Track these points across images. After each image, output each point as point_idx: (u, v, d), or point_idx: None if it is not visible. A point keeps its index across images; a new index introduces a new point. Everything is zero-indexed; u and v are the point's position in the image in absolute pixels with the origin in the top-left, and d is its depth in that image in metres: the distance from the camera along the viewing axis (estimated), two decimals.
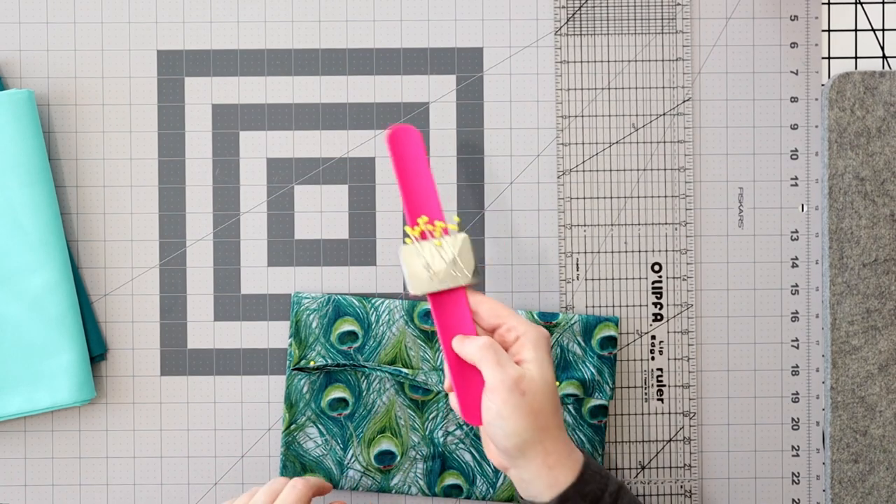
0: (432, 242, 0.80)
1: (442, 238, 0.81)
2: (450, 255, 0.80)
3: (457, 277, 0.80)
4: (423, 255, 0.80)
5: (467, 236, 0.81)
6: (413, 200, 0.81)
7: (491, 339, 0.80)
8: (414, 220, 0.81)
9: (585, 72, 0.94)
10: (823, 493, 0.95)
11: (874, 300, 0.93)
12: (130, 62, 0.94)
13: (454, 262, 0.80)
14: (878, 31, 0.95)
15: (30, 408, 0.91)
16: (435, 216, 0.81)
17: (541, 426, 0.78)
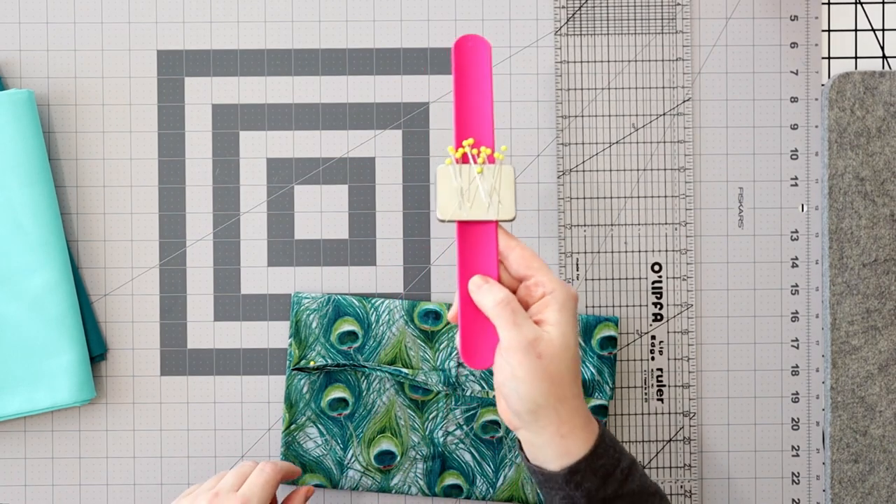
0: (473, 167, 0.74)
1: (485, 165, 0.74)
2: (489, 185, 0.74)
3: (491, 210, 0.74)
4: (461, 178, 0.73)
5: (513, 169, 0.75)
6: (464, 118, 0.75)
7: (509, 296, 0.75)
8: (460, 141, 0.75)
9: (585, 72, 0.94)
10: (823, 493, 0.95)
11: (874, 300, 0.93)
12: (130, 62, 0.94)
13: (492, 192, 0.74)
14: (878, 31, 0.95)
15: (30, 408, 0.91)
16: (483, 141, 0.75)
17: (556, 393, 0.74)
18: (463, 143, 0.75)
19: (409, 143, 0.94)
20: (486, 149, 0.75)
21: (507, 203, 0.74)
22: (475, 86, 0.76)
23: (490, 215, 0.75)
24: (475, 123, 0.75)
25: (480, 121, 0.75)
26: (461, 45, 0.76)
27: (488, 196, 0.74)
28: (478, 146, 0.75)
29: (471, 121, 0.75)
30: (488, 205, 0.74)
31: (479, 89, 0.75)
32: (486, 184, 0.74)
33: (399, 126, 0.94)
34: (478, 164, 0.74)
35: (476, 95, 0.75)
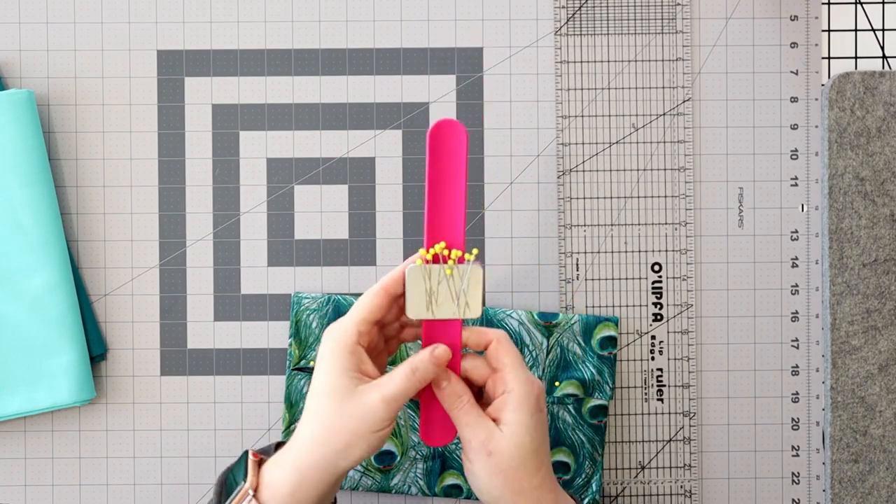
0: (443, 268, 0.77)
1: (455, 266, 0.77)
2: (457, 286, 0.77)
3: (457, 311, 0.78)
4: (430, 280, 0.77)
5: (481, 269, 0.78)
6: (437, 220, 0.77)
7: (462, 389, 0.78)
8: (431, 243, 0.77)
9: (585, 72, 0.94)
10: (823, 493, 0.95)
11: (874, 300, 0.93)
12: (130, 62, 0.94)
13: (460, 293, 0.77)
14: (878, 31, 0.95)
15: (30, 408, 0.91)
16: (454, 243, 0.77)
17: (512, 487, 0.76)
18: (434, 246, 0.77)
19: (409, 143, 0.94)
20: (456, 251, 0.77)
21: (473, 303, 0.77)
22: (450, 180, 0.76)
23: (457, 315, 0.78)
24: (447, 225, 0.77)
25: (452, 222, 0.77)
26: (437, 132, 0.76)
27: (456, 297, 0.77)
28: (449, 248, 0.77)
29: (443, 222, 0.77)
30: (455, 305, 0.77)
31: (454, 184, 0.76)
32: (454, 285, 0.77)
33: (399, 126, 0.94)
34: (448, 266, 0.77)
35: (450, 191, 0.76)
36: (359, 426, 0.75)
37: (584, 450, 0.93)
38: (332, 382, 0.76)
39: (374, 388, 0.76)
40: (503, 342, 0.79)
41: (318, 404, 0.76)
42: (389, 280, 0.79)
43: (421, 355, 0.78)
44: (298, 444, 0.77)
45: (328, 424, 0.76)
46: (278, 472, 0.76)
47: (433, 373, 0.77)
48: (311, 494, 0.76)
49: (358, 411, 0.75)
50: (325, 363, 0.77)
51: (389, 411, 0.76)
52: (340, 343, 0.77)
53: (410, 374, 0.77)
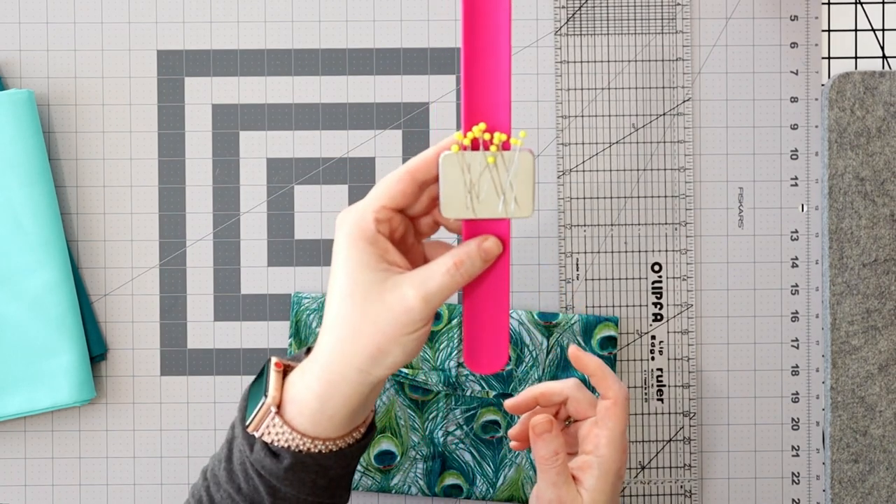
0: (485, 156, 0.64)
1: (499, 154, 0.64)
2: (502, 177, 0.64)
3: (504, 208, 0.65)
4: (469, 171, 0.63)
5: (532, 157, 0.65)
6: (474, 97, 0.64)
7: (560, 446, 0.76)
8: (469, 125, 0.65)
9: (585, 72, 0.94)
10: (823, 493, 0.95)
11: (874, 300, 0.93)
12: (130, 62, 0.94)
13: (506, 186, 0.64)
14: (878, 31, 0.95)
15: (30, 408, 0.91)
16: (497, 125, 0.64)
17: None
18: (473, 129, 0.65)
19: (409, 144, 0.94)
20: (500, 134, 0.64)
21: (523, 199, 0.65)
22: (490, 53, 0.63)
23: (503, 213, 0.65)
24: (488, 102, 0.64)
25: (495, 99, 0.63)
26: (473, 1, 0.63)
27: (501, 191, 0.64)
28: (491, 131, 0.64)
29: (483, 99, 0.64)
30: (501, 201, 0.64)
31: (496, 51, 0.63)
32: (499, 176, 0.64)
33: (399, 126, 0.94)
34: (490, 153, 0.64)
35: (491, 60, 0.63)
36: (390, 328, 0.65)
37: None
38: (354, 279, 0.65)
39: (406, 282, 0.65)
40: (619, 405, 0.77)
41: (339, 306, 0.66)
42: (418, 163, 0.67)
43: (467, 247, 0.66)
44: (322, 352, 0.67)
45: (354, 328, 0.65)
46: (303, 384, 0.67)
47: (480, 268, 0.67)
48: (343, 409, 0.67)
49: (388, 310, 0.65)
50: (341, 257, 0.66)
51: (427, 310, 0.65)
52: (357, 231, 0.66)
53: (454, 268, 0.66)
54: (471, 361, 0.69)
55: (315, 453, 0.68)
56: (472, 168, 0.64)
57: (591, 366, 0.79)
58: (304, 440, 0.67)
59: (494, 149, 0.64)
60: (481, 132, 0.64)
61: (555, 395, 0.80)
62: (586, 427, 0.79)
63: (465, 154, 0.64)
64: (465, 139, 0.65)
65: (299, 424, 0.67)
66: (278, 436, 0.67)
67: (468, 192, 0.65)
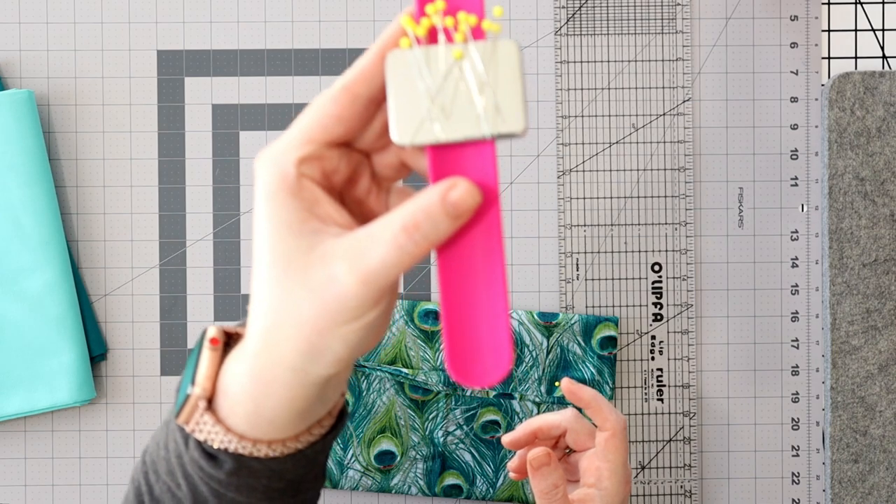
0: (449, 49, 0.45)
1: (468, 45, 0.45)
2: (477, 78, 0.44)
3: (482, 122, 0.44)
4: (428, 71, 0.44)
5: (516, 45, 0.45)
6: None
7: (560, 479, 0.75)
8: (422, 6, 0.46)
9: (585, 72, 0.94)
10: (823, 493, 0.95)
11: (874, 300, 0.93)
12: (130, 62, 0.94)
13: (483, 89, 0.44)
14: (878, 31, 0.95)
15: (30, 408, 0.91)
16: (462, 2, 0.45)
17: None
18: (427, 9, 0.45)
19: None
20: (468, 16, 0.45)
21: (510, 106, 0.44)
22: None
23: (483, 131, 0.45)
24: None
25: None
26: None
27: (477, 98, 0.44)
28: (454, 11, 0.45)
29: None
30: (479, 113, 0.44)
31: None
32: (472, 76, 0.44)
33: None
34: (455, 46, 0.45)
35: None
36: (320, 319, 0.46)
37: None
38: (272, 246, 0.47)
39: (338, 255, 0.46)
40: (618, 436, 0.77)
41: (259, 284, 0.48)
42: (357, 73, 0.48)
43: (423, 201, 0.46)
44: (250, 340, 0.49)
45: (277, 315, 0.47)
46: (235, 376, 0.49)
47: (446, 232, 0.46)
48: (284, 413, 0.49)
49: (314, 296, 0.46)
50: (258, 214, 0.48)
51: (368, 295, 0.46)
52: (275, 179, 0.47)
53: (403, 234, 0.45)
54: (457, 370, 0.46)
55: (262, 458, 0.50)
56: (432, 69, 0.45)
57: (586, 398, 0.78)
58: (244, 443, 0.49)
59: (461, 38, 0.45)
60: (439, 15, 0.45)
61: (553, 429, 0.80)
62: (587, 459, 0.78)
63: (421, 50, 0.45)
64: (419, 28, 0.45)
65: (235, 424, 0.49)
66: (211, 435, 0.50)
67: (429, 104, 0.45)
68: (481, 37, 0.45)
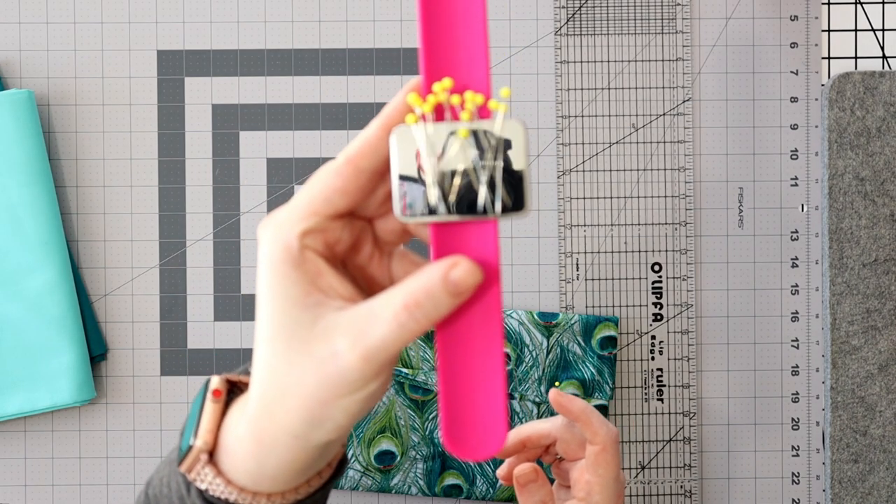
0: (455, 128, 0.44)
1: (475, 123, 0.45)
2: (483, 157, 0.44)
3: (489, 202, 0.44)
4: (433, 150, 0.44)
5: (523, 126, 0.45)
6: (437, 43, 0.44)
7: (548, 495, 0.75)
8: (430, 84, 0.45)
9: (585, 72, 0.94)
10: (823, 493, 0.95)
11: (874, 300, 0.93)
12: (130, 62, 0.94)
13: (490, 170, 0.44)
14: (878, 31, 0.95)
15: (30, 408, 0.91)
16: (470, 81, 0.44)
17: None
18: (435, 87, 0.45)
19: None
20: (475, 95, 0.45)
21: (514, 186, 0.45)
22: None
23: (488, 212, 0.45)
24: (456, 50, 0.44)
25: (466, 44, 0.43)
26: None
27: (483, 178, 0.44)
28: (461, 90, 0.45)
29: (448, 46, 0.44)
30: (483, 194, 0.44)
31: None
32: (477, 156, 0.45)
33: None
34: (462, 124, 0.45)
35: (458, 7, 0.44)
36: (322, 391, 0.48)
37: None
38: (275, 318, 0.49)
39: (340, 330, 0.47)
40: (608, 450, 0.75)
41: (262, 352, 0.49)
42: (361, 146, 0.48)
43: (427, 279, 0.46)
44: (251, 404, 0.50)
45: (280, 385, 0.49)
46: (237, 435, 0.51)
47: (447, 309, 0.47)
48: (286, 472, 0.51)
49: (317, 367, 0.48)
50: (261, 285, 0.49)
51: (369, 370, 0.47)
52: (277, 251, 0.49)
53: (405, 312, 0.46)
54: (452, 441, 0.47)
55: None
56: (437, 147, 0.44)
57: (575, 410, 0.76)
58: (244, 495, 0.51)
59: (468, 116, 0.45)
60: (446, 93, 0.45)
61: (542, 438, 0.78)
62: (577, 470, 0.77)
63: (427, 127, 0.45)
64: (426, 105, 0.45)
65: (236, 478, 0.51)
66: (213, 486, 0.51)
67: (433, 182, 0.45)
68: (487, 116, 0.45)
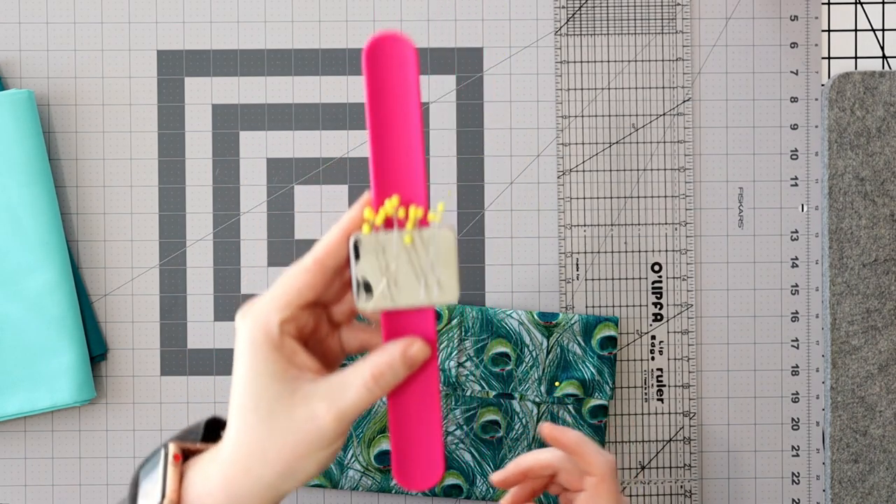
0: (400, 235, 0.57)
1: (416, 231, 0.58)
2: (422, 259, 0.57)
3: (426, 294, 0.58)
4: (384, 254, 0.57)
5: (453, 233, 0.58)
6: (384, 165, 0.57)
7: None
8: (380, 200, 0.58)
9: (585, 72, 0.94)
10: (823, 493, 0.95)
11: (874, 300, 0.93)
12: (130, 62, 0.94)
13: (427, 268, 0.57)
14: (878, 31, 0.95)
15: (30, 408, 0.91)
16: (412, 197, 0.58)
17: None
18: (385, 203, 0.58)
19: None
20: (416, 209, 0.58)
21: (447, 281, 0.58)
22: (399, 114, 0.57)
23: (425, 300, 0.58)
24: (401, 171, 0.57)
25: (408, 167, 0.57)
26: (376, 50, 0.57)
27: (422, 274, 0.58)
28: (405, 205, 0.58)
29: (395, 167, 0.57)
30: (422, 286, 0.58)
31: (405, 115, 0.56)
32: (418, 258, 0.57)
33: None
34: (406, 232, 0.58)
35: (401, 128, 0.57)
36: (301, 447, 0.59)
37: None
38: (258, 392, 0.60)
39: (317, 397, 0.59)
40: (606, 480, 0.75)
41: (243, 420, 0.60)
42: (325, 250, 0.60)
43: (388, 355, 0.60)
44: (226, 463, 0.60)
45: (261, 446, 0.59)
46: (205, 490, 0.60)
47: (402, 377, 0.61)
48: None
49: (298, 428, 0.59)
50: (243, 365, 0.60)
51: (341, 428, 0.60)
52: (260, 336, 0.60)
53: (372, 381, 0.60)
54: (400, 475, 0.62)
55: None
56: (387, 250, 0.57)
57: (570, 443, 0.76)
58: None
59: (410, 226, 0.57)
60: (394, 208, 0.57)
61: (544, 469, 0.78)
62: (580, 502, 0.77)
63: (378, 235, 0.57)
64: (377, 217, 0.58)
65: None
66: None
67: (384, 277, 0.57)
68: (426, 225, 0.58)
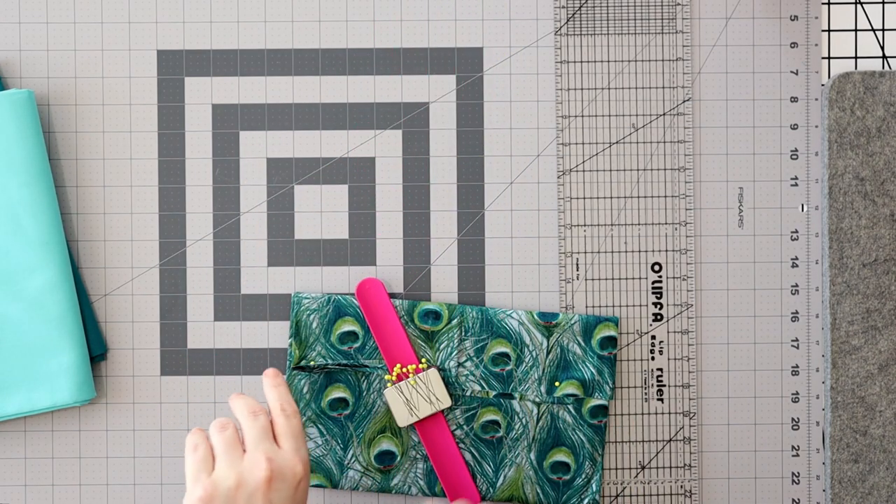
0: (409, 382, 0.92)
1: (416, 376, 0.92)
2: (425, 389, 0.92)
3: (433, 406, 0.92)
4: (403, 394, 0.92)
5: (436, 370, 0.92)
6: (388, 351, 0.93)
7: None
8: (391, 368, 0.92)
9: (585, 72, 0.94)
10: (823, 493, 0.95)
11: (874, 300, 0.93)
12: (130, 62, 0.94)
13: (429, 393, 0.92)
14: (878, 31, 0.95)
15: (30, 408, 0.91)
16: (408, 361, 0.93)
17: None
18: (394, 368, 0.93)
19: (409, 143, 0.94)
20: (412, 366, 0.93)
21: (441, 396, 0.92)
22: (384, 319, 0.93)
23: (432, 410, 0.92)
24: (397, 351, 0.93)
25: (400, 347, 0.93)
26: (363, 290, 0.93)
27: (428, 397, 0.92)
28: (406, 364, 0.92)
29: (394, 350, 0.93)
30: (430, 404, 0.92)
31: (388, 321, 0.93)
32: (422, 389, 0.92)
33: (399, 126, 0.94)
34: (411, 379, 0.92)
35: (388, 327, 0.93)
36: None
37: (584, 450, 0.93)
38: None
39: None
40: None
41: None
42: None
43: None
44: None
45: None
46: None
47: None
48: None
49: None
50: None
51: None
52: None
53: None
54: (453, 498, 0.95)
55: None
56: (404, 391, 0.92)
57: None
58: None
59: (412, 375, 0.93)
60: (400, 370, 0.93)
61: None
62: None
63: (399, 385, 0.92)
64: (392, 376, 0.92)
65: None
66: None
67: (408, 406, 0.93)
68: (420, 371, 0.93)
